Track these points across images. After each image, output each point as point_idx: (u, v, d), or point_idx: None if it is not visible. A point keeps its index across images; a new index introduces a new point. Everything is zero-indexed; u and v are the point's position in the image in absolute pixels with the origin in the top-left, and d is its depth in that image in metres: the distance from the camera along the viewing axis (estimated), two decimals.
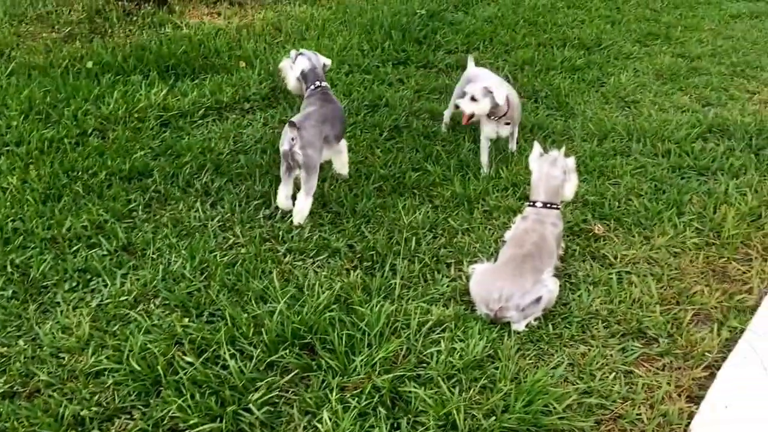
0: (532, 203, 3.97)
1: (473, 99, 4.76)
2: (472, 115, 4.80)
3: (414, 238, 4.21)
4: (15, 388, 3.10)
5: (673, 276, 4.04)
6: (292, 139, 4.20)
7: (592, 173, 5.02)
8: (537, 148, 4.10)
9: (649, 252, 4.20)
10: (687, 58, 7.33)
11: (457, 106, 4.91)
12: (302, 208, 4.33)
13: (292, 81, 4.77)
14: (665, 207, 4.61)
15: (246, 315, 3.48)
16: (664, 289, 3.92)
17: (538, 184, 3.98)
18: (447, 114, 5.61)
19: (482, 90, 4.75)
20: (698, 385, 3.34)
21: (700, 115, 5.86)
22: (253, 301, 3.63)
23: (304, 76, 4.69)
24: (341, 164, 4.78)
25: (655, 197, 4.74)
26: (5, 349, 3.30)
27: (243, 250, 4.07)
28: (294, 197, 4.40)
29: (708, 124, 5.64)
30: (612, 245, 4.27)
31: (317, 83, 4.67)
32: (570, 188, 4.05)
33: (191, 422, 2.91)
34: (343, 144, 4.76)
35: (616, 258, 4.15)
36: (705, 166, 5.10)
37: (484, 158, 5.07)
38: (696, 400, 3.25)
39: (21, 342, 3.34)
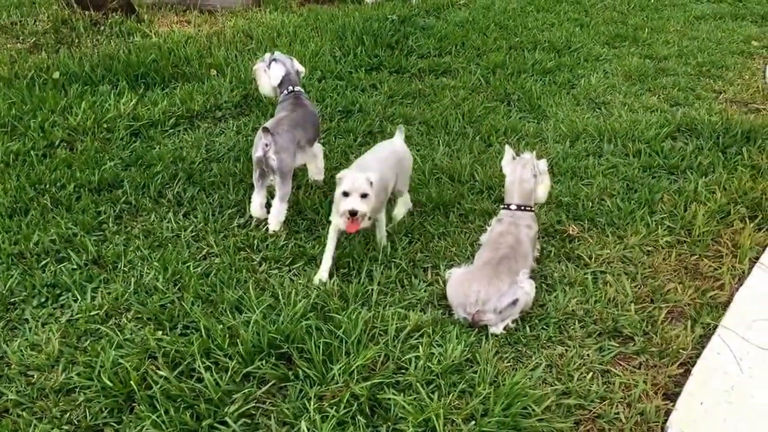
0: (506, 206, 3.99)
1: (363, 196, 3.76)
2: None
3: (390, 243, 4.19)
4: None
5: (646, 274, 4.08)
6: (266, 145, 4.18)
7: (565, 174, 5.05)
8: (509, 151, 4.12)
9: (623, 251, 4.24)
10: (654, 59, 7.45)
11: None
12: (277, 214, 4.29)
13: (265, 86, 4.74)
14: (637, 206, 4.66)
15: (221, 326, 3.43)
16: (639, 288, 3.96)
17: (511, 187, 4.01)
18: None
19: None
20: (674, 382, 3.37)
21: (668, 114, 5.94)
22: (228, 312, 3.58)
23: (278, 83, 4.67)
24: (317, 170, 4.76)
25: (627, 197, 4.79)
26: None
27: (217, 260, 4.02)
28: (268, 205, 4.36)
29: (677, 123, 5.73)
30: (586, 245, 4.30)
31: (290, 88, 4.65)
32: (543, 190, 4.08)
33: None
34: (318, 148, 4.73)
35: (590, 258, 4.17)
36: (675, 165, 5.17)
37: (328, 255, 3.96)
38: (672, 397, 3.27)
39: None
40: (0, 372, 3.19)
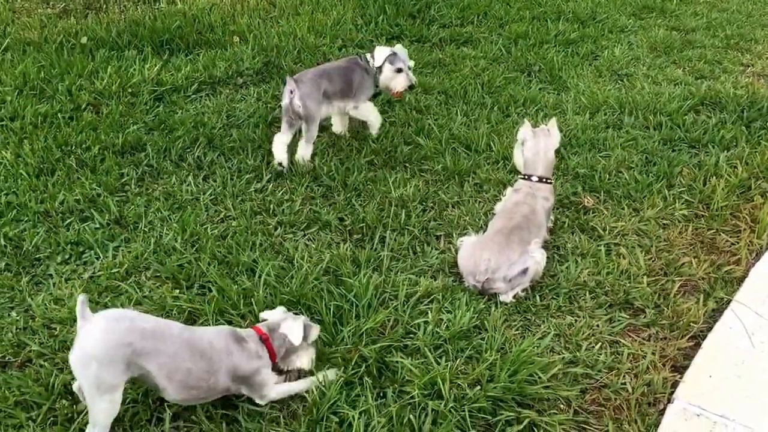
0: (526, 176, 3.98)
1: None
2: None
3: (404, 211, 4.23)
4: (7, 358, 3.15)
5: (661, 248, 4.07)
6: (291, 92, 4.41)
7: (583, 146, 5.02)
8: (527, 125, 4.08)
9: (638, 224, 4.23)
10: (681, 31, 7.29)
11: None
12: (303, 154, 4.61)
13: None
14: (655, 179, 4.63)
15: (236, 286, 3.52)
16: (652, 261, 3.95)
17: (535, 158, 3.98)
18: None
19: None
20: (683, 355, 3.39)
21: (692, 87, 5.84)
22: (243, 273, 3.66)
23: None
24: (369, 125, 5.04)
25: (645, 169, 4.75)
26: None
27: (234, 223, 4.10)
28: (291, 148, 4.62)
29: (700, 96, 5.63)
30: (601, 217, 4.29)
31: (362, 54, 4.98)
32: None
33: None
34: (365, 108, 4.91)
35: (605, 230, 4.17)
36: (696, 138, 5.10)
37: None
38: (681, 369, 3.30)
39: (14, 313, 3.39)
40: (24, 324, 3.32)
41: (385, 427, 2.82)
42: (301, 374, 3.08)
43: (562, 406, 3.06)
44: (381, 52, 4.82)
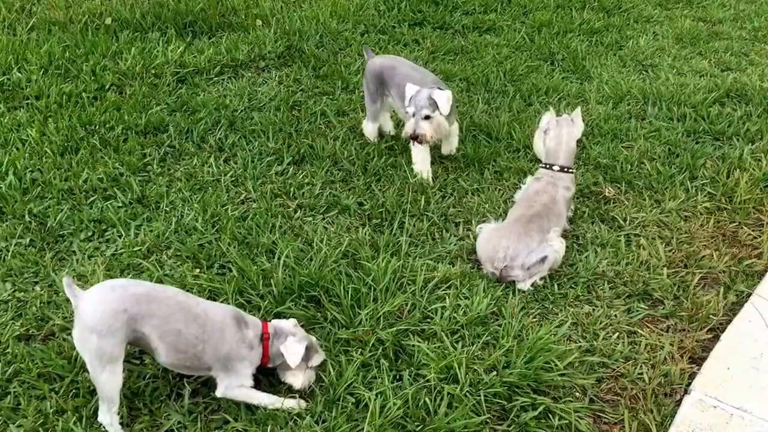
0: (547, 165, 3.97)
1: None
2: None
3: (423, 197, 4.24)
4: (31, 331, 3.22)
5: (682, 240, 4.04)
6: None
7: (605, 136, 4.98)
8: (551, 112, 4.06)
9: (660, 215, 4.20)
10: (708, 23, 7.17)
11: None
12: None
13: None
14: (678, 171, 4.58)
15: (255, 267, 3.55)
16: (673, 252, 3.93)
17: (557, 147, 3.96)
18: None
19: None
20: (701, 347, 3.37)
21: (718, 79, 5.75)
22: (262, 254, 3.69)
23: None
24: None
25: (668, 161, 4.70)
26: (23, 293, 3.41)
27: (254, 205, 4.13)
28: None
29: (726, 88, 5.55)
30: (622, 208, 4.26)
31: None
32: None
33: None
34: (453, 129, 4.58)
35: (625, 220, 4.15)
36: (721, 130, 5.04)
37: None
38: (698, 361, 3.28)
39: (38, 288, 3.45)
40: (49, 298, 3.38)
41: (400, 409, 2.84)
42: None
43: (577, 394, 3.06)
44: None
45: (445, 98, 4.09)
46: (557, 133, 3.98)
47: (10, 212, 3.90)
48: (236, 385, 2.86)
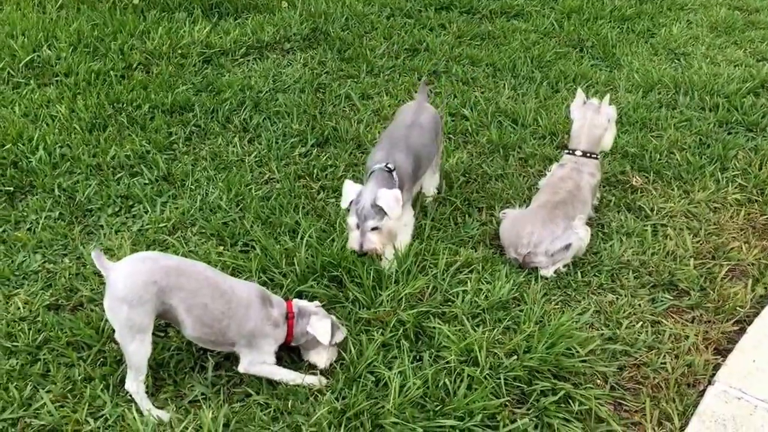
0: (571, 151, 3.93)
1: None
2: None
3: (446, 181, 4.21)
4: (60, 302, 3.28)
5: (710, 231, 3.97)
6: None
7: (634, 125, 4.91)
8: (580, 95, 4.03)
9: (688, 206, 4.13)
10: (744, 11, 7.01)
11: None
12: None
13: None
14: (708, 161, 4.51)
15: (278, 246, 3.57)
16: (700, 244, 3.87)
17: (579, 132, 3.93)
18: None
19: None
20: (727, 339, 3.33)
21: (753, 69, 5.63)
22: (285, 234, 3.71)
23: None
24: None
25: (698, 151, 4.62)
26: (52, 265, 3.47)
27: (278, 186, 4.15)
28: None
29: (761, 79, 5.43)
30: (649, 197, 4.21)
31: None
32: (609, 138, 3.99)
33: None
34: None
35: (652, 210, 4.09)
36: (754, 122, 4.94)
37: None
38: (723, 353, 3.24)
39: (66, 260, 3.51)
40: (77, 270, 3.44)
41: (420, 389, 2.84)
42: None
43: (598, 381, 3.04)
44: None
45: (393, 201, 3.26)
46: (581, 116, 3.94)
47: (40, 186, 3.96)
48: (259, 362, 2.89)
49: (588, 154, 3.89)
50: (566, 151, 3.99)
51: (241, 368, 2.90)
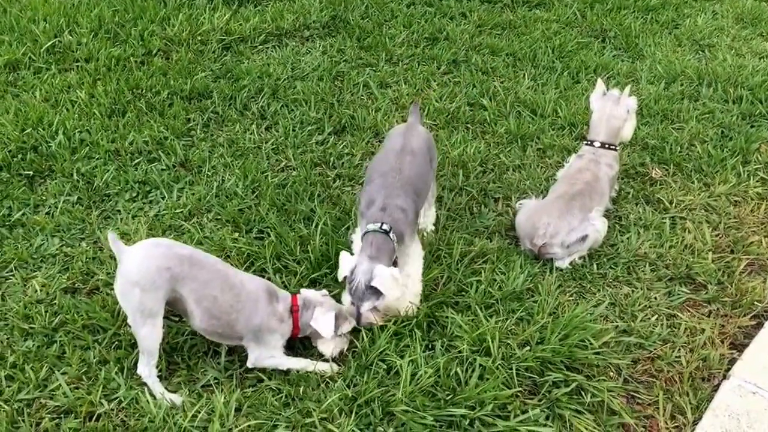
0: (589, 142, 3.89)
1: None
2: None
3: (462, 171, 4.20)
4: (76, 285, 3.32)
5: (730, 225, 3.92)
6: None
7: (655, 117, 4.84)
8: (600, 85, 3.97)
9: (708, 199, 4.07)
10: None
11: None
12: None
13: None
14: (730, 154, 4.43)
15: (293, 233, 3.58)
16: (719, 237, 3.82)
17: (598, 123, 3.88)
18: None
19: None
20: (743, 333, 3.29)
21: None
22: (300, 221, 3.72)
23: None
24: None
25: (720, 144, 4.55)
26: (69, 249, 3.52)
27: (294, 173, 4.15)
28: None
29: None
30: (669, 190, 4.15)
31: None
32: (629, 129, 3.94)
33: None
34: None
35: (671, 203, 4.04)
36: None
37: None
38: (740, 347, 3.20)
39: (84, 244, 3.56)
40: (94, 254, 3.48)
41: (431, 378, 2.85)
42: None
43: (611, 373, 3.02)
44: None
45: (389, 281, 2.96)
46: (600, 107, 3.89)
47: (59, 170, 4.01)
48: (267, 356, 2.91)
49: (606, 146, 3.84)
50: (585, 142, 3.95)
51: (250, 363, 2.93)
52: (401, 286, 3.03)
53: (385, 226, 3.08)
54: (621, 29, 6.05)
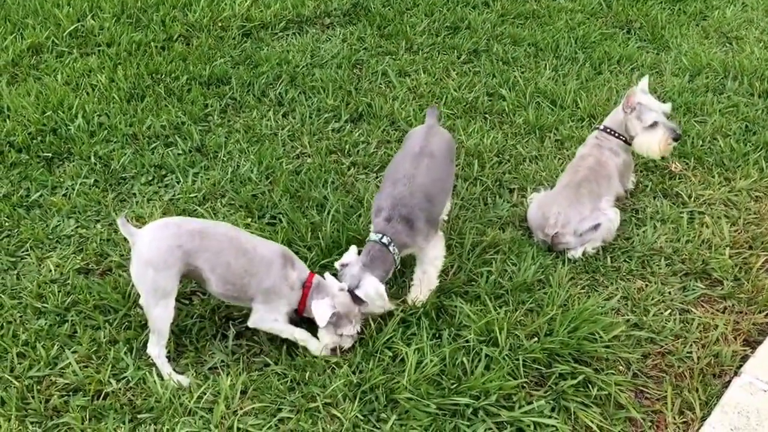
0: (597, 127, 3.84)
1: None
2: None
3: (477, 161, 4.16)
4: (90, 266, 3.38)
5: (750, 220, 3.83)
6: None
7: (677, 109, 4.74)
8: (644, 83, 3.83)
9: (728, 194, 3.99)
10: None
11: None
12: None
13: None
14: (753, 149, 4.33)
15: (305, 220, 3.59)
16: (738, 233, 3.74)
17: (611, 111, 3.83)
18: None
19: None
20: (758, 330, 3.22)
21: None
22: (313, 208, 3.73)
23: None
24: None
25: (743, 138, 4.45)
26: (84, 230, 3.57)
27: (309, 160, 4.16)
28: None
29: None
30: (688, 184, 4.08)
31: None
32: (640, 141, 3.69)
33: (243, 312, 3.09)
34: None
35: (690, 197, 3.97)
36: None
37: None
38: (753, 344, 3.14)
39: (99, 226, 3.61)
40: (108, 236, 3.54)
41: (437, 366, 2.84)
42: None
43: (621, 367, 2.99)
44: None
45: (373, 294, 2.96)
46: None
47: (77, 153, 4.07)
48: (270, 319, 2.92)
49: (609, 131, 3.75)
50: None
51: (250, 322, 2.94)
52: (385, 301, 3.00)
53: (385, 239, 3.04)
54: (647, 20, 5.94)
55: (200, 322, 3.10)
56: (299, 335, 2.97)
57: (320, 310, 2.88)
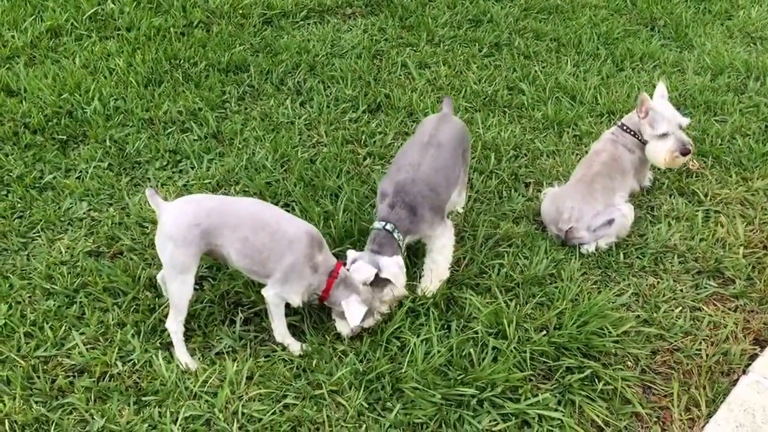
0: (616, 123, 3.81)
1: None
2: None
3: (494, 154, 4.14)
4: (101, 249, 3.41)
5: (765, 220, 3.79)
6: None
7: (698, 108, 4.69)
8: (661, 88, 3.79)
9: (745, 193, 3.94)
10: None
11: None
12: None
13: None
14: None
15: (318, 208, 3.60)
16: (753, 232, 3.69)
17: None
18: None
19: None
20: None
21: None
22: (326, 197, 3.74)
23: None
24: None
25: (763, 138, 4.38)
26: (97, 213, 3.61)
27: (325, 149, 4.17)
28: None
29: None
30: (705, 183, 4.03)
31: None
32: (650, 150, 3.66)
33: (252, 298, 3.13)
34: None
35: (706, 196, 3.92)
36: None
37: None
38: (763, 343, 3.12)
39: (111, 209, 3.65)
40: (120, 220, 3.57)
41: (444, 357, 2.84)
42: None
43: (629, 363, 2.97)
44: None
45: (396, 269, 3.03)
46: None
47: (92, 136, 4.11)
48: (282, 296, 2.90)
49: (626, 128, 3.71)
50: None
51: (264, 291, 2.92)
52: (404, 275, 3.05)
53: (388, 226, 3.06)
54: (671, 18, 5.87)
55: (209, 307, 3.12)
56: (281, 332, 2.97)
57: (353, 309, 2.88)
